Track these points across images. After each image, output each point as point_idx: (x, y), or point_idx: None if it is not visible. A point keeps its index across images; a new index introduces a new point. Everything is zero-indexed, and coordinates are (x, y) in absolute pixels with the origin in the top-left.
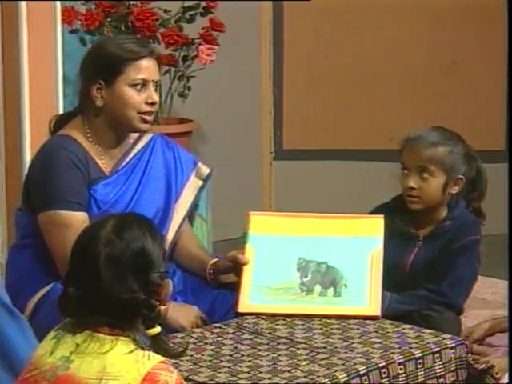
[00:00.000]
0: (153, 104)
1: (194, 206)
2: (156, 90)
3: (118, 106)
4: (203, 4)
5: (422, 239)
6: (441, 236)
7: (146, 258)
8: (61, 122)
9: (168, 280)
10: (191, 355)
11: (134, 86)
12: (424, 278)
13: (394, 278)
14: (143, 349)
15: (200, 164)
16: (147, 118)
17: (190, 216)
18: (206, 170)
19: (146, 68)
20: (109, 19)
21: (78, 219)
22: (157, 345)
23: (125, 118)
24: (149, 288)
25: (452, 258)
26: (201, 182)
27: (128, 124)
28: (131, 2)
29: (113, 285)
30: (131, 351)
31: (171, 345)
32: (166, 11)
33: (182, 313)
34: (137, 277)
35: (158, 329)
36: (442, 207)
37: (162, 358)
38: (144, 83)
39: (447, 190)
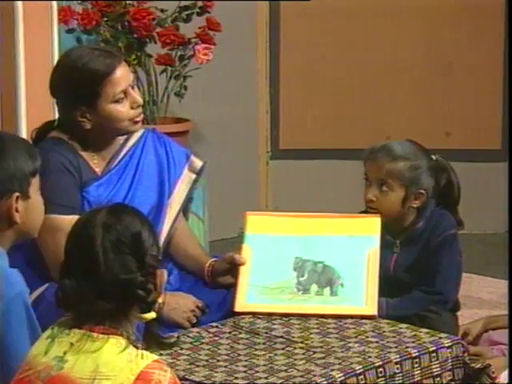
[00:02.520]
0: (139, 106)
1: (189, 200)
2: (133, 87)
3: (108, 124)
4: (200, 4)
5: (399, 245)
6: (417, 238)
7: (142, 240)
8: (43, 133)
9: (163, 269)
10: (188, 354)
11: (116, 101)
12: (409, 280)
13: (378, 284)
14: (137, 348)
15: (193, 157)
16: (137, 119)
17: (184, 212)
18: (198, 163)
19: (120, 78)
20: (105, 19)
21: (71, 223)
22: (149, 332)
23: (117, 130)
24: (145, 270)
25: (435, 256)
26: (194, 176)
27: (121, 132)
28: (128, 2)
29: (111, 266)
30: (124, 350)
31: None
32: (162, 11)
33: (176, 311)
34: (134, 258)
35: (152, 314)
36: (411, 213)
37: (155, 357)
38: (124, 92)
39: (407, 203)
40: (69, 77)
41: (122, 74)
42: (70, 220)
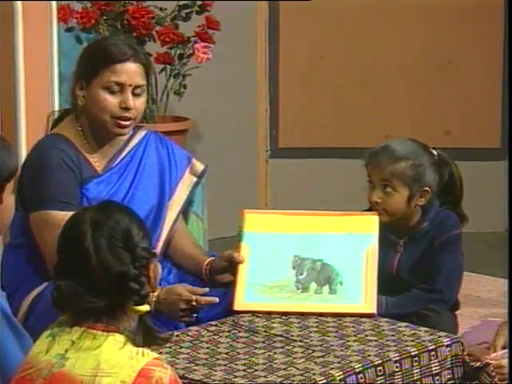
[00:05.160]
0: (127, 109)
1: (189, 203)
2: (139, 94)
3: (93, 109)
4: (199, 2)
5: (403, 244)
6: (421, 238)
7: (132, 233)
8: (59, 117)
9: (157, 263)
10: (187, 353)
11: (107, 88)
12: (412, 279)
13: (381, 283)
14: (136, 345)
15: (194, 160)
16: (122, 122)
17: (185, 213)
18: (200, 167)
19: (123, 72)
20: (104, 17)
21: None
22: (144, 325)
23: (99, 122)
24: (138, 262)
25: (437, 255)
26: (195, 179)
27: (103, 127)
28: (127, 1)
29: (103, 261)
30: (125, 347)
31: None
32: (161, 9)
33: (166, 306)
34: (125, 251)
35: (146, 307)
36: (416, 213)
37: (155, 355)
38: (120, 87)
39: (412, 202)
40: (89, 48)
41: (127, 70)
42: (69, 216)
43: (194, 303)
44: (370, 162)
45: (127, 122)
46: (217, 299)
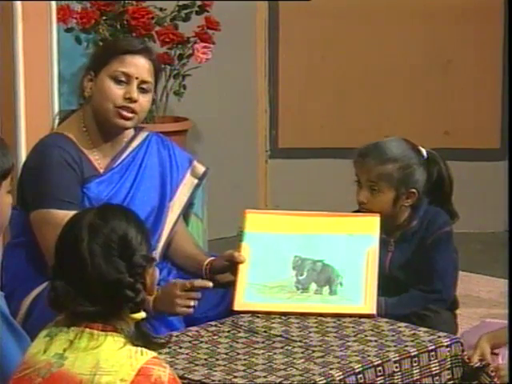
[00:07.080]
0: (131, 100)
1: (189, 205)
2: (145, 91)
3: (98, 97)
4: (199, 2)
5: (394, 243)
6: (411, 237)
7: (129, 241)
8: (64, 117)
9: (155, 268)
10: (187, 353)
11: (114, 78)
12: (405, 278)
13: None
14: (135, 345)
15: (195, 162)
16: (124, 113)
17: (185, 215)
18: (201, 169)
19: (131, 63)
20: (104, 18)
21: None
22: (140, 331)
23: (102, 111)
24: (134, 270)
25: (430, 254)
26: (196, 181)
27: (106, 117)
28: (126, 1)
29: (98, 268)
30: (124, 347)
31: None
32: (161, 9)
33: (165, 306)
34: (121, 260)
35: (142, 314)
36: (405, 212)
37: (154, 354)
38: (127, 78)
39: (398, 203)
40: (102, 44)
41: (136, 63)
42: (70, 215)
43: (189, 285)
44: (358, 161)
45: (130, 114)
46: (210, 283)
